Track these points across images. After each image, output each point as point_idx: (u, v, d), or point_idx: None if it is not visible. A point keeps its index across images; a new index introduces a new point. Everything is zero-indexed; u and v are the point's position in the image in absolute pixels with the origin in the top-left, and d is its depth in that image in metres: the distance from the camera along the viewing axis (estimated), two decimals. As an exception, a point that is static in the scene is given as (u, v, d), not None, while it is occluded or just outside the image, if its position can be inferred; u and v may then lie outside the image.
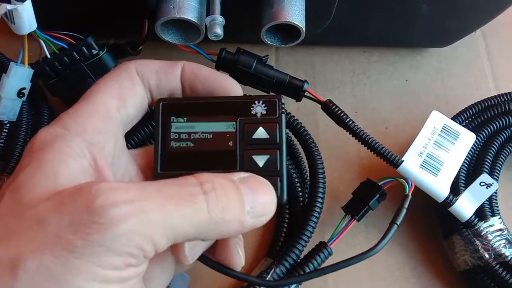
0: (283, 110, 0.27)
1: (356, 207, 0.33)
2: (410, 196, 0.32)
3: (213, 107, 0.27)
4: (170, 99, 0.27)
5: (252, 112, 0.26)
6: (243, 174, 0.24)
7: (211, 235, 0.22)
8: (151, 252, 0.20)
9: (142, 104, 0.26)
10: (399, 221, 0.31)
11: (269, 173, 0.25)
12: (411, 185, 0.33)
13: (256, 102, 0.27)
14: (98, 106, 0.24)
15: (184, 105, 0.27)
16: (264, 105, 0.27)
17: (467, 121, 0.39)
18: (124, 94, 0.25)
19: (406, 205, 0.31)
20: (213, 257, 0.26)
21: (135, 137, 0.34)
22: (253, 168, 0.25)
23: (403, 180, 0.33)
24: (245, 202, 0.22)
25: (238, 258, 0.26)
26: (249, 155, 0.26)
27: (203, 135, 0.26)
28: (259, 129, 0.26)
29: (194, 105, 0.27)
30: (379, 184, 0.34)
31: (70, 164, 0.21)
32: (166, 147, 0.26)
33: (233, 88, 0.28)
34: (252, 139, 0.26)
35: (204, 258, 0.26)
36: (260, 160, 0.26)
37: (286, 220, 0.36)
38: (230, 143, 0.26)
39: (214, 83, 0.28)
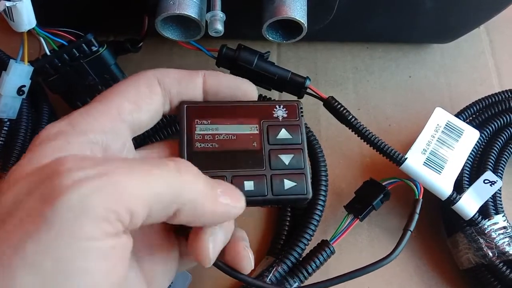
0: (302, 114, 0.28)
1: (359, 207, 0.33)
2: (421, 200, 0.32)
3: (235, 111, 0.28)
4: (193, 102, 0.28)
5: (274, 116, 0.28)
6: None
7: (187, 205, 0.21)
8: (126, 217, 0.19)
9: (157, 112, 0.27)
10: (412, 227, 0.31)
11: (295, 170, 0.27)
12: (421, 188, 0.33)
13: (277, 106, 0.29)
14: (111, 107, 0.24)
15: (207, 108, 0.28)
16: (284, 109, 0.28)
17: (471, 118, 0.38)
18: (140, 100, 0.25)
19: (418, 210, 0.32)
20: (221, 258, 0.26)
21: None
22: (280, 166, 0.27)
23: (411, 184, 0.33)
24: (214, 183, 0.23)
25: (248, 261, 0.26)
26: (276, 154, 0.27)
27: (227, 136, 0.27)
28: (282, 130, 0.28)
29: (217, 109, 0.28)
30: (383, 184, 0.33)
31: None
32: (191, 148, 0.27)
33: (248, 91, 0.29)
34: (277, 139, 0.27)
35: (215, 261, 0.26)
36: (286, 159, 0.27)
37: (288, 218, 0.36)
38: (255, 144, 0.27)
39: (234, 89, 0.28)
